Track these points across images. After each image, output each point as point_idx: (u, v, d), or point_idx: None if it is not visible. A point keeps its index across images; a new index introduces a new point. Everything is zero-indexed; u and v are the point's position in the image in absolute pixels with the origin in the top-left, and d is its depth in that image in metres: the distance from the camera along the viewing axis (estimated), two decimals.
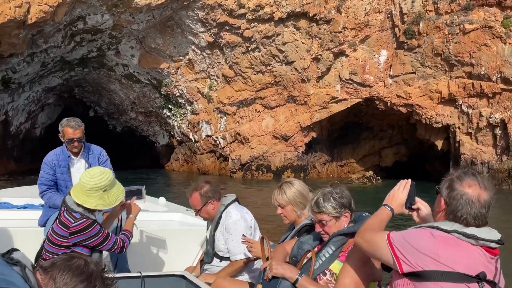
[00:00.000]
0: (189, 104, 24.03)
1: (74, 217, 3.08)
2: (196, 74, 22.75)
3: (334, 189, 2.59)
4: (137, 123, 29.84)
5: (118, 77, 25.95)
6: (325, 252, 2.49)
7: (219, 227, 3.57)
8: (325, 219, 2.51)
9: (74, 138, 4.06)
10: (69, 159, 4.20)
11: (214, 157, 23.86)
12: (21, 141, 26.80)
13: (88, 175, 3.11)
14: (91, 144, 4.46)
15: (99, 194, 3.05)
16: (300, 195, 3.04)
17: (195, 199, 3.63)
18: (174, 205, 5.73)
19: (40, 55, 20.72)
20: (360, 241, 2.13)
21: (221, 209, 3.60)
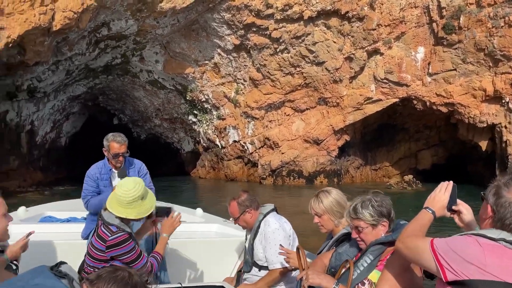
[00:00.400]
0: (215, 109, 23.39)
1: (110, 231, 3.11)
2: (222, 78, 22.10)
3: (375, 196, 2.55)
4: (161, 130, 29.39)
5: (142, 84, 25.54)
6: (363, 261, 2.47)
7: (257, 236, 3.59)
8: (362, 225, 2.49)
9: (119, 153, 4.16)
10: (110, 172, 4.28)
11: (242, 163, 23.12)
12: (47, 151, 26.61)
13: (124, 188, 3.13)
14: (132, 158, 4.52)
15: (138, 203, 3.12)
16: (337, 204, 3.01)
17: (233, 208, 3.68)
18: (211, 216, 5.74)
19: (65, 63, 20.40)
20: (401, 247, 2.10)
21: (260, 218, 3.62)
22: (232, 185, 21.85)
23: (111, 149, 4.17)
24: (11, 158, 22.19)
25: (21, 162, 22.75)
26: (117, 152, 4.15)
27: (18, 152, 22.73)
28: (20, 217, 4.97)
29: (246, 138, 22.01)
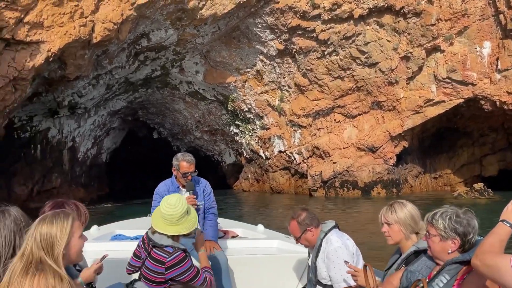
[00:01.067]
0: (259, 118, 22.29)
1: (167, 252, 3.07)
2: (265, 86, 21.01)
3: (463, 213, 2.43)
4: (201, 142, 28.60)
5: (182, 96, 24.85)
6: (439, 281, 2.36)
7: (320, 254, 3.50)
8: (432, 232, 2.45)
9: (188, 172, 4.24)
10: (178, 190, 4.34)
11: (289, 175, 21.84)
12: (88, 168, 26.27)
13: (170, 207, 3.10)
14: (197, 177, 4.55)
15: (185, 218, 3.13)
16: (411, 218, 2.90)
17: (293, 227, 3.59)
18: (273, 232, 5.65)
19: (105, 77, 19.89)
20: (478, 264, 2.01)
21: (321, 236, 3.52)
22: (279, 197, 20.58)
23: (181, 168, 4.26)
24: (53, 176, 21.83)
25: (63, 180, 22.37)
26: (187, 171, 4.24)
27: (60, 169, 22.37)
28: (92, 236, 5.08)
29: (292, 147, 20.76)
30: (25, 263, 1.96)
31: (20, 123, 20.84)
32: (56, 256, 2.00)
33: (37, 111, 20.75)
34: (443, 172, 20.03)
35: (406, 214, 2.90)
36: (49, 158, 21.90)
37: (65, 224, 2.08)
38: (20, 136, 21.40)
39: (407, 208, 2.93)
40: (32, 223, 2.15)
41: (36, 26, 14.43)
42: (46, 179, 21.48)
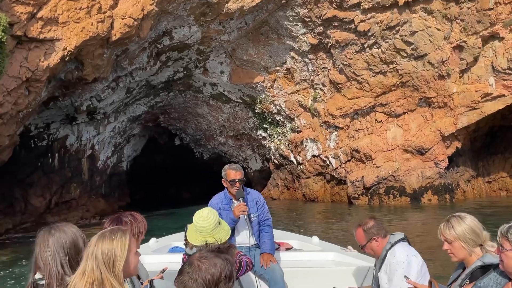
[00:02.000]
0: (289, 121, 20.65)
1: None
2: (297, 85, 19.38)
3: None
4: (226, 148, 27.07)
5: (206, 99, 23.40)
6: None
7: (383, 266, 3.40)
8: (506, 247, 2.34)
9: (235, 179, 4.27)
10: (231, 202, 4.34)
11: (323, 181, 20.09)
12: (109, 177, 24.98)
13: (203, 219, 3.19)
14: (250, 189, 4.57)
15: (219, 228, 3.21)
16: (472, 231, 2.75)
17: (359, 235, 3.53)
18: (328, 244, 5.52)
19: (125, 79, 18.56)
20: None
21: (387, 247, 3.41)
22: (314, 206, 18.82)
23: (228, 176, 4.31)
24: (72, 187, 20.55)
25: (82, 190, 21.06)
26: (234, 178, 4.27)
27: (79, 179, 21.09)
28: (151, 248, 5.10)
29: (328, 151, 19.03)
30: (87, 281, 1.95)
31: (36, 131, 19.64)
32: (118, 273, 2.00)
33: (54, 117, 19.54)
34: (498, 176, 18.01)
35: (465, 229, 2.74)
36: (68, 167, 20.65)
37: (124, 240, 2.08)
38: (37, 144, 20.20)
39: (465, 222, 2.77)
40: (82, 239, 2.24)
41: (51, 22, 13.14)
42: (64, 189, 20.21)
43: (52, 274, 2.13)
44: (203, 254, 1.95)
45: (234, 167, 4.41)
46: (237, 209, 4.06)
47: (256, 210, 4.34)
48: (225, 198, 4.36)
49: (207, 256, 1.93)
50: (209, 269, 1.87)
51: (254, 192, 4.57)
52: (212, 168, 34.12)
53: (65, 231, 2.27)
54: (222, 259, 1.92)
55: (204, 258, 1.90)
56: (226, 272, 1.89)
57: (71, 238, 2.28)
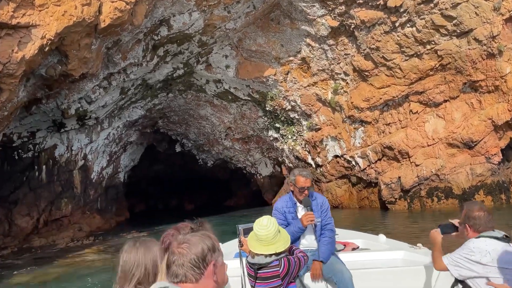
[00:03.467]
0: (305, 118, 18.33)
1: (275, 266, 3.19)
2: (314, 76, 17.08)
3: None
4: (231, 153, 24.70)
5: (209, 99, 21.08)
6: None
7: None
8: None
9: (305, 186, 4.25)
10: (295, 206, 4.38)
11: (348, 184, 17.75)
12: (105, 190, 22.54)
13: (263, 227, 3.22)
14: (315, 193, 4.55)
15: (279, 236, 3.23)
16: None
17: (462, 214, 3.43)
18: (396, 242, 5.24)
19: (118, 77, 16.21)
20: None
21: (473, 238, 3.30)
22: (340, 214, 16.38)
23: (297, 183, 4.28)
24: (62, 202, 18.10)
25: (75, 206, 18.62)
26: (303, 185, 4.25)
27: (70, 193, 18.64)
28: None
29: (353, 150, 16.70)
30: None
31: (20, 141, 17.21)
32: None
33: (40, 124, 17.12)
34: None
35: None
36: (57, 181, 18.22)
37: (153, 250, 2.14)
38: (22, 156, 17.76)
39: None
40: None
41: (25, 5, 10.79)
42: (54, 206, 17.76)
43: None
44: (179, 240, 1.92)
45: (305, 174, 4.33)
46: (305, 219, 4.08)
47: (320, 215, 4.30)
48: (290, 201, 4.37)
49: (184, 240, 1.90)
50: (191, 249, 1.87)
51: (319, 196, 4.50)
52: (216, 176, 31.84)
53: (149, 247, 2.29)
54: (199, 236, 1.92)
55: (183, 243, 1.89)
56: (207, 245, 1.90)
57: (154, 253, 2.28)
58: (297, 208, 4.35)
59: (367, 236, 5.67)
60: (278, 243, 3.19)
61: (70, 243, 13.30)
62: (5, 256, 11.69)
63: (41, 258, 11.22)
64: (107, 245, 11.89)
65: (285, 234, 3.30)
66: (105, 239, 14.27)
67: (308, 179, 4.28)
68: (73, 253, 11.08)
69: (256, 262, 3.20)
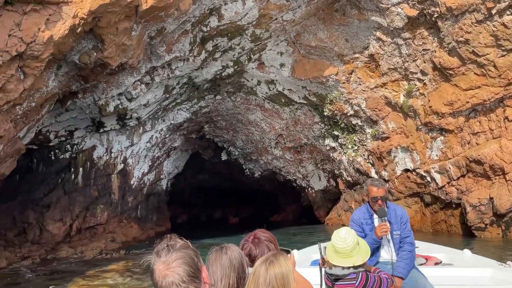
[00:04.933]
0: (370, 125, 15.92)
1: (352, 278, 3.13)
2: (383, 76, 14.71)
3: None
4: (281, 163, 22.55)
5: (260, 102, 19.16)
6: None
7: None
8: None
9: (377, 196, 4.15)
10: (371, 217, 4.28)
11: (420, 204, 15.11)
12: (146, 197, 21.07)
13: (341, 240, 3.14)
14: (394, 204, 4.44)
15: (358, 249, 3.15)
16: None
17: None
18: (483, 259, 4.99)
19: (162, 73, 14.63)
20: None
21: None
22: None
23: (370, 193, 4.21)
24: (98, 209, 16.66)
25: (111, 213, 17.13)
26: (376, 195, 4.16)
27: (107, 199, 17.21)
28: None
29: (428, 163, 14.09)
30: None
31: (57, 140, 16.00)
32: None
33: (78, 123, 15.86)
34: None
35: None
36: (94, 185, 16.86)
37: (287, 262, 2.15)
38: (58, 157, 16.55)
39: None
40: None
41: None
42: (89, 212, 16.36)
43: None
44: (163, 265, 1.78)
45: (377, 183, 4.25)
46: (379, 230, 3.95)
47: (399, 227, 4.13)
48: (367, 212, 4.27)
49: (166, 261, 1.77)
50: (180, 269, 1.75)
51: (398, 208, 4.37)
52: (263, 188, 29.78)
53: (235, 251, 2.33)
54: (179, 252, 1.79)
55: (168, 268, 1.75)
56: (191, 257, 1.80)
57: (240, 258, 2.33)
58: (374, 219, 4.25)
59: (450, 250, 5.32)
60: (356, 256, 3.13)
61: (98, 256, 11.66)
62: (20, 268, 10.17)
63: (55, 273, 9.58)
64: (136, 263, 10.06)
65: (364, 247, 3.22)
66: (137, 254, 12.48)
67: (381, 189, 4.15)
68: (96, 269, 9.34)
69: (333, 273, 3.17)
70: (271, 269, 2.08)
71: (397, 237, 4.11)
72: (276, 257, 2.15)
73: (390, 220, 4.10)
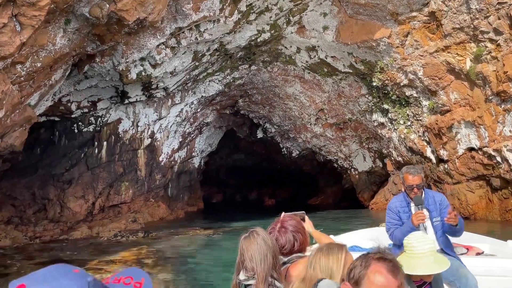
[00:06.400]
0: (427, 96, 13.74)
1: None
2: (446, 38, 12.44)
3: None
4: (322, 142, 20.65)
5: (299, 73, 17.28)
6: None
7: None
8: None
9: (413, 184, 4.06)
10: (408, 205, 4.19)
11: (486, 188, 12.91)
12: (177, 176, 19.86)
13: (420, 242, 2.78)
14: (431, 191, 4.32)
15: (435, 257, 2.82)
16: None
17: None
18: None
19: (189, 35, 13.02)
20: None
21: None
22: (473, 227, 11.50)
23: (406, 181, 4.13)
24: (122, 186, 15.50)
25: (137, 191, 15.95)
26: (411, 183, 4.05)
27: (132, 176, 16.02)
28: None
29: (499, 141, 11.85)
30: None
31: (80, 112, 14.86)
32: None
33: (101, 92, 14.62)
34: None
35: None
36: (119, 160, 15.68)
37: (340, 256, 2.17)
38: (82, 130, 15.44)
39: None
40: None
41: None
42: (112, 189, 15.23)
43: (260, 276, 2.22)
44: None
45: (412, 171, 4.12)
46: (415, 218, 3.86)
47: (439, 214, 4.01)
48: (404, 200, 4.17)
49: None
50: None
51: (437, 194, 4.23)
52: (301, 169, 28.03)
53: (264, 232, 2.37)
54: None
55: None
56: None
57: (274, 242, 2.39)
58: (411, 207, 4.13)
59: (493, 241, 5.12)
60: (439, 263, 2.74)
61: (113, 238, 10.41)
62: (20, 250, 9.01)
63: (52, 262, 8.35)
64: (151, 251, 8.65)
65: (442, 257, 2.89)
66: (156, 237, 11.08)
67: (417, 176, 4.04)
68: (103, 257, 7.99)
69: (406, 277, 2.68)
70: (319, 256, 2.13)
71: (438, 223, 4.00)
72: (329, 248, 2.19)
73: (428, 207, 4.04)
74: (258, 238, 2.30)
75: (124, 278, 1.17)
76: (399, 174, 4.35)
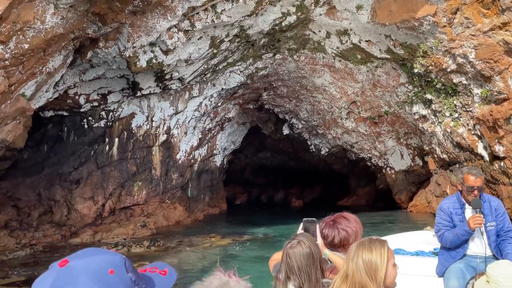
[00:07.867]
0: (480, 83, 11.80)
1: None
2: (503, 13, 10.51)
3: None
4: (354, 138, 18.88)
5: (329, 61, 15.61)
6: None
7: None
8: None
9: (474, 186, 3.89)
10: (462, 207, 4.03)
11: None
12: (197, 175, 18.53)
13: (507, 278, 2.57)
14: (487, 195, 4.12)
15: None
16: None
17: None
18: None
19: (205, 17, 11.57)
20: None
21: None
22: None
23: (466, 181, 3.94)
24: (135, 186, 14.23)
25: (151, 192, 14.65)
26: (472, 185, 3.88)
27: (146, 175, 14.73)
28: None
29: None
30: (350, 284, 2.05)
31: (89, 105, 13.67)
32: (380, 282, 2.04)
33: (110, 84, 13.38)
34: None
35: None
36: (131, 158, 14.42)
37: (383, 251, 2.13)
38: (92, 125, 14.26)
39: None
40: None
41: None
42: (124, 190, 13.97)
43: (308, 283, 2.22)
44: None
45: (475, 172, 3.94)
46: (472, 221, 3.73)
47: (494, 219, 3.90)
48: (458, 201, 4.03)
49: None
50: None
51: (493, 199, 4.08)
52: (331, 168, 26.24)
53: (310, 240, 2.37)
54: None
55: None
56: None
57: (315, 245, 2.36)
58: (465, 209, 4.00)
59: None
60: None
61: (113, 248, 9.11)
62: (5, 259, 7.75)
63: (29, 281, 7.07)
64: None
65: None
66: (163, 248, 9.64)
67: (479, 178, 3.89)
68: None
69: None
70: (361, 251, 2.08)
71: (492, 229, 3.82)
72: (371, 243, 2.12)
73: (484, 211, 3.82)
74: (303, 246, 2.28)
75: (150, 268, 1.28)
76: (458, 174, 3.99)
